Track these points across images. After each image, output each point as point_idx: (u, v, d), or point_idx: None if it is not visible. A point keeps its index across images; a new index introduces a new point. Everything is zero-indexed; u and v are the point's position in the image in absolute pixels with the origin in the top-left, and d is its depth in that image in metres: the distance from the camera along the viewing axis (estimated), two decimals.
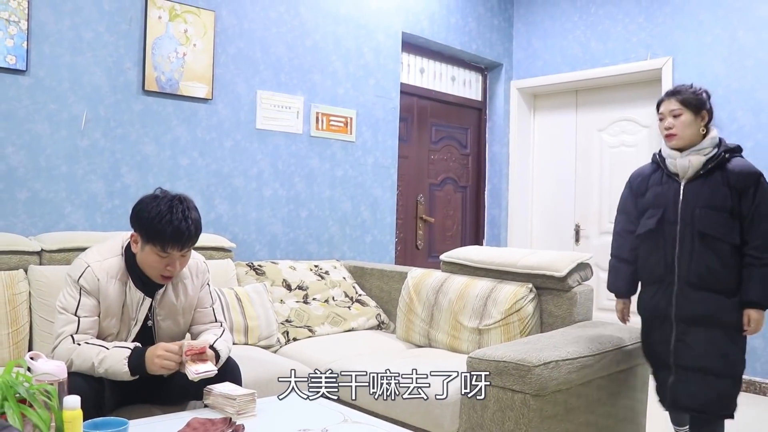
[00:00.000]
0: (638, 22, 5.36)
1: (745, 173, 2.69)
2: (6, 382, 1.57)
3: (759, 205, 2.66)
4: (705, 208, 2.70)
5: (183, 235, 2.25)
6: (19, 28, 3.30)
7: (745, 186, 2.68)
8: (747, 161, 2.76)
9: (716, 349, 2.70)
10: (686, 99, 2.79)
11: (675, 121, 2.78)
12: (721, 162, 2.73)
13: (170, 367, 2.23)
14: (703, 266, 2.69)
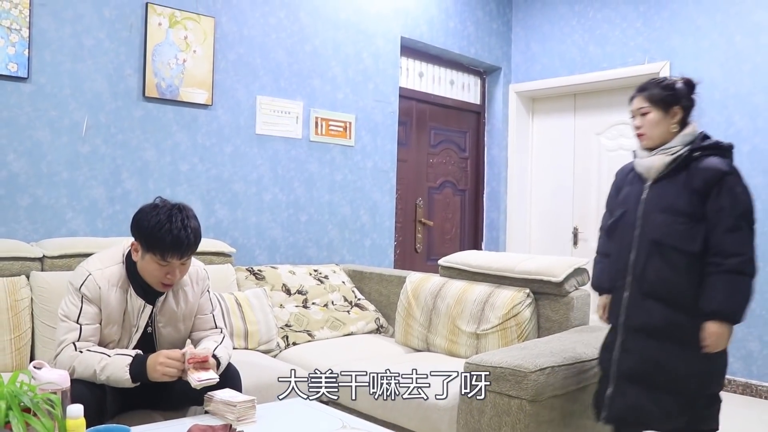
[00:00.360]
0: (636, 27, 5.39)
1: (708, 172, 2.42)
2: (11, 392, 1.60)
3: (722, 207, 2.39)
4: (663, 213, 2.47)
5: (182, 244, 2.28)
6: (21, 35, 3.33)
7: (707, 187, 2.41)
8: (718, 160, 2.45)
9: (664, 364, 2.45)
10: (653, 95, 2.55)
11: (643, 120, 2.56)
12: (687, 162, 2.48)
13: (172, 375, 2.27)
14: (655, 275, 2.47)
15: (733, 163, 2.48)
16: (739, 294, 2.38)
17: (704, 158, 2.46)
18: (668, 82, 2.57)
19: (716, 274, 2.38)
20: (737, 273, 2.36)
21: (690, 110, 2.57)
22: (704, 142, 2.50)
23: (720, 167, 2.41)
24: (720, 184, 2.40)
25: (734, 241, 2.37)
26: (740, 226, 2.38)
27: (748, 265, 2.39)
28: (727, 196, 2.39)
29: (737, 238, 2.38)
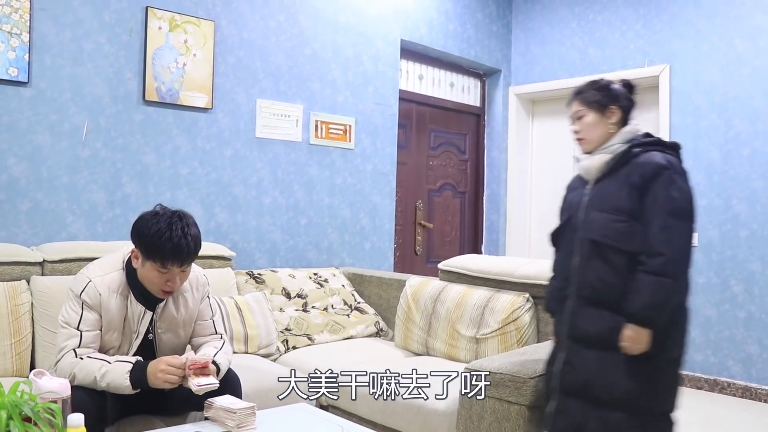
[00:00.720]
0: (636, 30, 5.40)
1: (645, 167, 2.28)
2: (11, 402, 1.60)
3: (654, 203, 2.25)
4: (601, 211, 2.34)
5: (182, 252, 2.29)
6: (21, 40, 3.33)
7: (644, 181, 2.27)
8: (659, 155, 2.30)
9: (607, 377, 2.29)
10: (587, 97, 2.45)
11: (580, 124, 2.46)
12: (627, 158, 2.34)
13: (173, 381, 2.27)
14: (595, 279, 2.33)
15: (675, 160, 2.32)
16: (655, 297, 2.20)
17: (644, 153, 2.32)
18: (603, 83, 2.48)
19: (639, 273, 2.23)
20: (656, 274, 2.20)
21: (629, 110, 2.47)
22: (645, 139, 2.39)
23: (658, 161, 2.27)
24: (656, 179, 2.26)
25: (661, 239, 2.21)
26: (670, 225, 2.22)
27: (670, 267, 2.20)
28: (662, 191, 2.24)
29: (664, 236, 2.21)
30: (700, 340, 4.93)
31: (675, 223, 2.22)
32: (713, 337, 4.87)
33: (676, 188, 2.24)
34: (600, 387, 2.29)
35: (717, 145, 4.91)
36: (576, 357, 2.37)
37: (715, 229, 4.90)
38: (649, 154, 2.31)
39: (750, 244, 4.73)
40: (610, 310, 2.29)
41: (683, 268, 2.25)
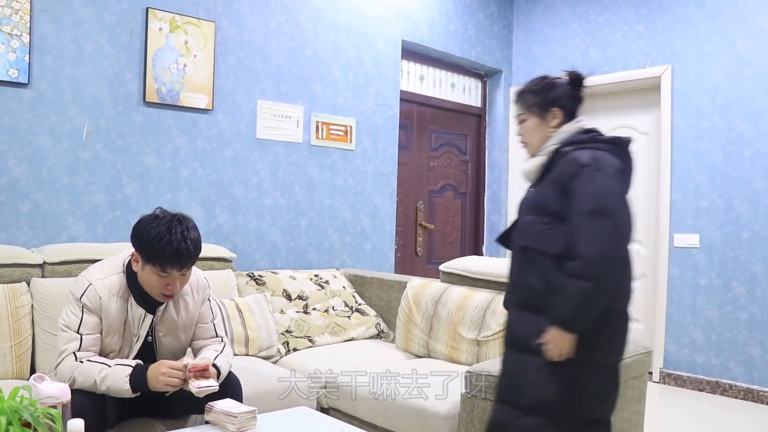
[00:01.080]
0: (637, 30, 5.38)
1: (568, 166, 2.18)
2: (11, 407, 1.59)
3: (574, 202, 2.14)
4: (528, 214, 2.29)
5: (182, 256, 2.28)
6: (21, 41, 3.32)
7: (564, 181, 2.18)
8: (585, 153, 2.18)
9: (529, 379, 2.21)
10: (526, 101, 2.37)
11: (522, 128, 2.40)
12: (557, 158, 2.25)
13: (175, 384, 2.26)
14: (525, 284, 2.27)
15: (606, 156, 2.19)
16: (575, 301, 2.09)
17: (573, 152, 2.21)
18: (543, 84, 2.36)
19: (562, 276, 2.13)
20: (577, 277, 2.08)
21: (574, 108, 2.36)
22: (578, 137, 2.27)
23: (580, 160, 2.15)
24: (576, 178, 2.14)
25: (581, 240, 2.09)
26: (590, 225, 2.09)
27: (592, 269, 2.06)
28: (580, 191, 2.12)
29: (585, 237, 2.09)
30: (701, 342, 4.92)
31: (596, 223, 2.09)
32: (715, 338, 4.86)
33: (596, 185, 2.11)
34: (523, 390, 2.21)
35: (719, 146, 4.90)
36: (506, 361, 2.35)
37: (717, 230, 4.89)
38: (577, 152, 2.19)
39: (752, 246, 4.72)
40: (539, 314, 2.20)
41: (608, 271, 2.10)
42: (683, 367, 5.02)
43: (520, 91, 2.41)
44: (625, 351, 2.31)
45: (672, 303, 5.11)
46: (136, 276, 2.40)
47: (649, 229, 5.46)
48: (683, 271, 5.06)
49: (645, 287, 5.48)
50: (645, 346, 3.16)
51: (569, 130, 2.30)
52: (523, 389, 2.21)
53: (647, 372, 3.21)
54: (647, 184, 5.48)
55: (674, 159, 5.15)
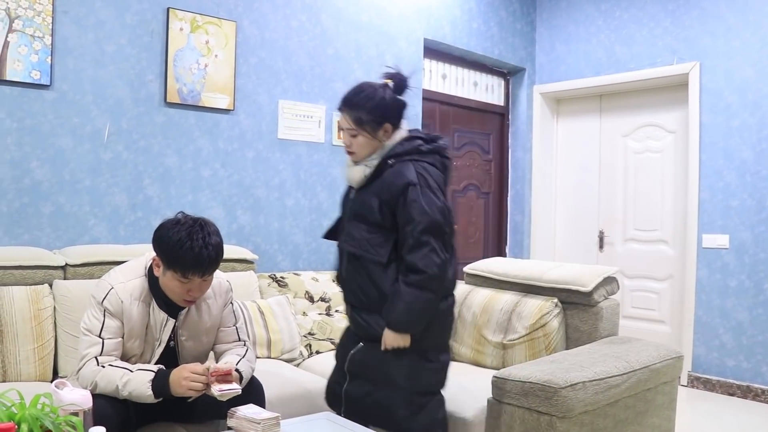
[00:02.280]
0: (664, 26, 5.28)
1: (392, 184, 2.37)
2: (32, 415, 1.56)
3: (408, 221, 2.36)
4: (353, 220, 2.48)
5: (203, 262, 2.24)
6: (44, 43, 3.31)
7: (392, 198, 2.38)
8: (408, 168, 2.37)
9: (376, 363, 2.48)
10: (360, 120, 2.42)
11: (352, 141, 2.47)
12: (381, 170, 2.44)
13: (197, 389, 2.22)
14: (356, 288, 2.49)
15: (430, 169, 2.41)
16: (414, 308, 2.34)
17: (396, 165, 2.41)
18: (377, 100, 2.42)
19: (400, 284, 2.36)
20: (418, 288, 2.33)
21: (400, 118, 2.50)
22: (401, 148, 2.43)
23: (405, 177, 2.36)
24: (404, 196, 2.35)
25: (420, 256, 2.33)
26: (425, 242, 2.33)
27: (432, 283, 2.35)
28: (411, 209, 2.34)
29: (422, 254, 2.33)
30: (731, 345, 4.82)
31: (429, 240, 2.33)
32: (746, 341, 4.75)
33: (423, 204, 2.33)
34: (374, 371, 2.48)
35: (749, 144, 4.79)
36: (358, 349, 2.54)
37: (747, 230, 4.78)
38: (400, 166, 2.39)
39: None
40: (372, 313, 2.45)
41: (442, 281, 2.39)
42: (712, 371, 4.92)
43: (351, 104, 2.45)
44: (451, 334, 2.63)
45: (701, 305, 5.01)
46: (158, 280, 2.36)
47: (676, 229, 5.36)
48: (712, 273, 4.96)
49: (672, 289, 5.38)
50: (676, 351, 3.09)
51: (394, 140, 2.46)
52: (374, 369, 2.49)
53: (678, 377, 3.13)
54: (674, 184, 5.38)
55: (702, 158, 5.05)
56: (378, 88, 2.46)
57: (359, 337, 2.55)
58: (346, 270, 2.54)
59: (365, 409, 2.52)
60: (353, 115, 2.44)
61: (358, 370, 2.56)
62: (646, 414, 2.88)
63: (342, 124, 2.50)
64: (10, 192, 3.25)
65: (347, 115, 2.46)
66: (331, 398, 2.70)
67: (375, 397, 2.50)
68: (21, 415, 1.56)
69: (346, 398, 2.59)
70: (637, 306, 5.56)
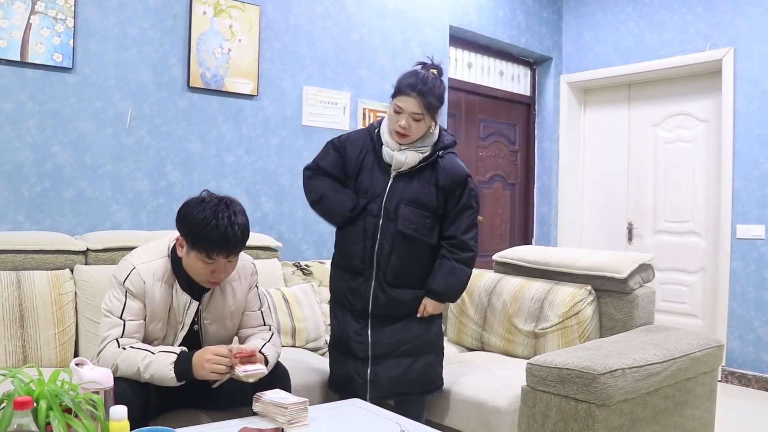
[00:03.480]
0: (696, 12, 5.14)
1: (453, 174, 2.63)
2: (51, 391, 1.49)
3: (464, 205, 2.65)
4: (410, 205, 2.62)
5: (229, 242, 2.16)
6: (66, 25, 3.25)
7: (452, 187, 2.63)
8: (458, 161, 2.68)
9: (412, 334, 2.67)
10: (430, 105, 2.56)
11: (412, 124, 2.56)
12: (434, 161, 2.64)
13: (221, 371, 2.14)
14: (400, 264, 2.63)
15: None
16: (462, 282, 2.70)
17: (446, 157, 2.65)
18: (440, 90, 2.59)
19: (448, 260, 2.66)
20: (466, 265, 2.68)
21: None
22: (448, 140, 2.69)
23: (464, 169, 2.67)
24: (464, 186, 2.64)
25: (469, 237, 2.67)
26: (473, 226, 2.68)
27: (473, 261, 2.71)
28: (471, 198, 2.67)
29: (471, 236, 2.68)
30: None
31: (476, 225, 2.70)
32: None
33: (476, 194, 2.70)
34: (417, 342, 2.68)
35: None
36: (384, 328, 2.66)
37: None
38: (451, 159, 2.66)
39: None
40: (410, 287, 2.66)
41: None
42: (747, 365, 4.77)
43: (426, 90, 2.54)
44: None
45: (735, 297, 4.86)
46: (182, 261, 2.29)
47: (708, 220, 5.22)
48: (747, 264, 4.81)
49: (704, 281, 5.24)
50: (716, 340, 2.97)
51: (436, 132, 2.67)
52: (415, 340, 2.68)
53: (718, 367, 3.01)
54: (706, 174, 5.24)
55: (737, 146, 4.90)
56: (436, 78, 2.61)
57: (388, 315, 2.67)
58: (390, 250, 2.63)
59: (407, 383, 2.66)
60: (425, 101, 2.53)
61: (390, 350, 2.66)
62: (686, 405, 2.76)
63: (406, 108, 2.54)
64: (31, 176, 3.21)
65: (418, 100, 2.53)
66: (348, 389, 2.69)
67: (416, 366, 2.67)
68: (39, 391, 1.49)
69: (376, 383, 2.64)
70: (667, 299, 5.42)
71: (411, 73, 2.63)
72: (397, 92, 2.61)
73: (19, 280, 2.75)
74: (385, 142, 2.64)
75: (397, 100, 2.59)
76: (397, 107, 2.57)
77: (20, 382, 1.51)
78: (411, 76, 2.60)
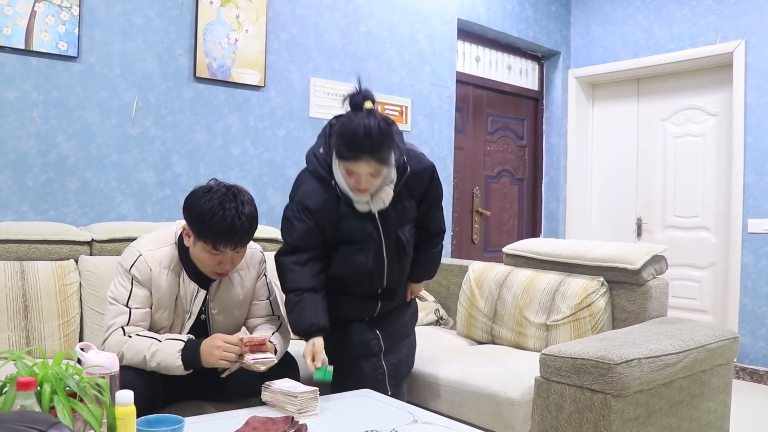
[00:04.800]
0: (707, 4, 5.08)
1: (418, 174, 2.51)
2: (56, 375, 1.44)
3: (435, 197, 2.65)
4: (402, 227, 2.56)
5: (236, 234, 2.11)
6: (71, 13, 3.21)
7: (421, 185, 2.56)
8: (418, 156, 2.53)
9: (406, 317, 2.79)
10: (383, 157, 2.24)
11: (372, 180, 2.30)
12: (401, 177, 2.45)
13: (230, 359, 2.10)
14: (399, 272, 2.64)
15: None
16: (438, 262, 2.87)
17: (409, 157, 2.48)
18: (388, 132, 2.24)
19: (426, 249, 2.74)
20: (440, 247, 2.81)
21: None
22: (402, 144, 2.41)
23: (426, 163, 2.56)
24: (431, 178, 2.59)
25: (441, 221, 2.74)
26: (441, 209, 2.74)
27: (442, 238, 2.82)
28: (438, 187, 2.65)
29: (442, 219, 2.75)
30: None
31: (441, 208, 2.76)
32: None
33: (439, 181, 2.66)
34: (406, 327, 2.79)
35: None
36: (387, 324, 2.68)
37: None
38: (412, 157, 2.49)
39: None
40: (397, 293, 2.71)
41: None
42: (760, 361, 4.71)
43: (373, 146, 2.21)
44: None
45: (746, 293, 4.80)
46: (188, 249, 2.24)
47: (718, 215, 5.16)
48: (759, 259, 4.75)
49: (714, 277, 5.18)
50: (731, 331, 2.91)
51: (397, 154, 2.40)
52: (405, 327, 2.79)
53: (734, 360, 2.95)
54: (716, 168, 5.18)
55: (748, 140, 4.84)
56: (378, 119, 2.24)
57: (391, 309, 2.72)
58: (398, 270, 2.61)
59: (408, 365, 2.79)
60: (378, 158, 2.23)
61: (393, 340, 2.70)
62: (701, 397, 2.70)
63: (360, 171, 2.26)
64: (36, 166, 3.16)
65: (370, 160, 2.23)
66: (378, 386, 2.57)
67: (409, 349, 2.80)
68: (43, 374, 1.44)
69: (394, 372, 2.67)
70: (677, 295, 5.35)
71: (349, 131, 2.22)
72: (342, 156, 2.28)
73: (22, 270, 2.70)
74: (351, 197, 2.39)
75: (345, 164, 2.29)
76: (346, 168, 2.29)
77: (23, 365, 1.46)
78: (351, 136, 2.21)
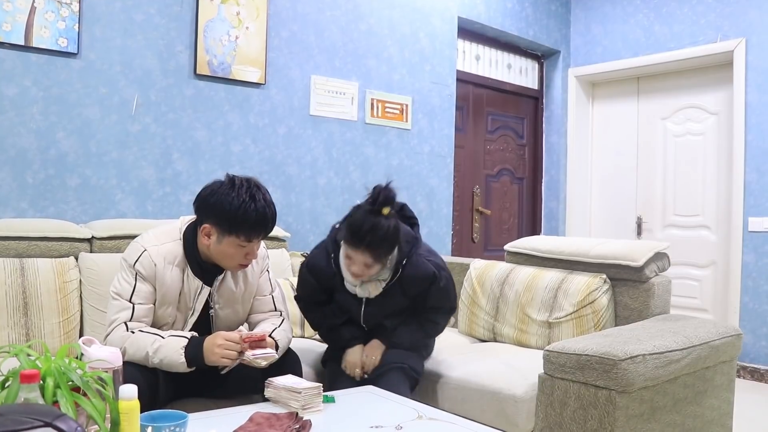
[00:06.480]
0: (707, 3, 5.08)
1: (418, 281, 2.58)
2: (59, 368, 1.43)
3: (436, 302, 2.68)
4: (390, 318, 2.67)
5: (268, 222, 2.18)
6: (71, 10, 3.20)
7: (417, 289, 2.60)
8: (421, 263, 2.58)
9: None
10: (379, 255, 2.42)
11: (366, 270, 2.45)
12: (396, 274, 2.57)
13: (231, 357, 2.09)
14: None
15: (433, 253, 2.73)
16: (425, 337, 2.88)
17: (407, 266, 2.55)
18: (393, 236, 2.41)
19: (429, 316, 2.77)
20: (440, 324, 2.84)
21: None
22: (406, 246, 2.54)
23: (428, 271, 2.57)
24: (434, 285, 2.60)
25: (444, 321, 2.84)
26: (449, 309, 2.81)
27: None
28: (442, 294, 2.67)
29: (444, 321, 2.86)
30: None
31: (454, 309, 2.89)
32: None
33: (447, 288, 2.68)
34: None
35: None
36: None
37: None
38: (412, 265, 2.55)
39: None
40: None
41: None
42: (761, 360, 4.71)
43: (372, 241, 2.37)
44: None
45: (747, 291, 4.80)
46: (194, 245, 2.24)
47: (719, 214, 5.15)
48: (759, 257, 4.75)
49: (715, 276, 5.18)
50: (735, 328, 2.90)
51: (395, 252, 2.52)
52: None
53: (737, 357, 2.94)
54: (717, 167, 5.18)
55: (748, 138, 4.84)
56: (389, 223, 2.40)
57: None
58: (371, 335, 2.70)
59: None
60: (374, 254, 2.41)
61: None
62: (705, 394, 2.69)
63: (356, 258, 2.42)
64: (35, 163, 3.15)
65: (367, 253, 2.40)
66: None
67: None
68: (46, 368, 1.43)
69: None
70: (677, 294, 5.32)
71: (358, 221, 2.42)
72: (345, 240, 2.46)
73: (22, 267, 2.69)
74: (344, 275, 2.57)
75: (346, 247, 2.46)
76: (347, 254, 2.46)
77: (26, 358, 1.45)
78: (357, 227, 2.40)
